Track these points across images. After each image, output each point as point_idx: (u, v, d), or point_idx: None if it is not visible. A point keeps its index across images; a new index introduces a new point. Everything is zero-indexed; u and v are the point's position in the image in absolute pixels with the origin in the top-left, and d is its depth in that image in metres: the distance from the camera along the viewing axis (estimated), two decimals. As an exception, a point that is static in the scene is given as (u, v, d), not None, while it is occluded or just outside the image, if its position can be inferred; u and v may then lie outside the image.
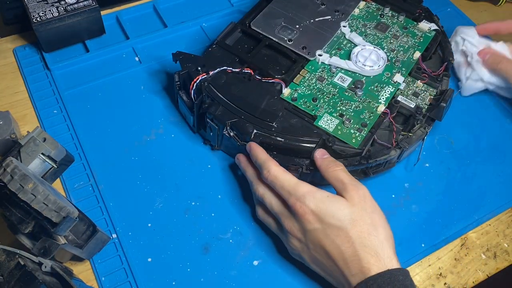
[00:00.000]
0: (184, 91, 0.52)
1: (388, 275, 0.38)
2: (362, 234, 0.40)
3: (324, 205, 0.41)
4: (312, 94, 0.51)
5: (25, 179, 0.36)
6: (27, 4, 0.56)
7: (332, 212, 0.40)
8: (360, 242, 0.39)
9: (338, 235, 0.40)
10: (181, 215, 0.49)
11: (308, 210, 0.41)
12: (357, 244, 0.39)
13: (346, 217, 0.40)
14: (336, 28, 0.56)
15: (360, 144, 0.47)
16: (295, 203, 0.41)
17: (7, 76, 0.59)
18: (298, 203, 0.41)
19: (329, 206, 0.41)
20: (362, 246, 0.39)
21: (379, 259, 0.39)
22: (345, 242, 0.40)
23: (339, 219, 0.40)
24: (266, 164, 0.44)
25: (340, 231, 0.40)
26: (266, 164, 0.45)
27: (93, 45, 0.61)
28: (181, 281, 0.45)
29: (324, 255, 0.41)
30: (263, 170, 0.44)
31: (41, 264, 0.37)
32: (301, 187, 0.42)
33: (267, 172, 0.44)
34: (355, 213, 0.40)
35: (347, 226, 0.40)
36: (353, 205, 0.41)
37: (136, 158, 0.52)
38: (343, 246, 0.40)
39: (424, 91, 0.52)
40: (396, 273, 0.38)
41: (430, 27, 0.56)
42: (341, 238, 0.40)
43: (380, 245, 0.40)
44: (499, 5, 0.71)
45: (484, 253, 0.49)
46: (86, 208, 0.49)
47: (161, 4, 0.66)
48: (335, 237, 0.40)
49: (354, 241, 0.39)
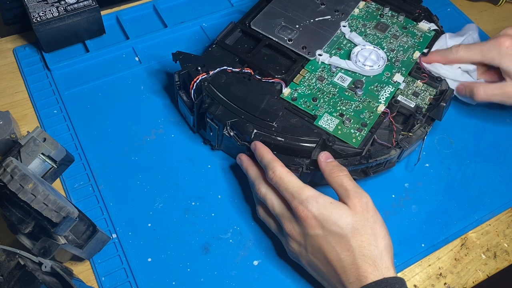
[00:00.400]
0: (184, 91, 0.52)
1: (384, 283, 0.38)
2: (362, 243, 0.40)
3: (327, 212, 0.41)
4: (312, 94, 0.51)
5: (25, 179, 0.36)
6: (27, 4, 0.56)
7: (334, 219, 0.40)
8: (359, 251, 0.40)
9: (339, 243, 0.40)
10: (181, 215, 0.49)
11: (310, 215, 0.41)
12: (357, 253, 0.39)
13: (348, 225, 0.40)
14: (336, 28, 0.56)
15: (360, 144, 0.47)
16: (298, 207, 0.41)
17: (7, 76, 0.59)
18: (300, 207, 0.41)
19: (331, 212, 0.41)
20: (361, 255, 0.39)
21: (377, 269, 0.39)
22: (345, 250, 0.40)
23: (340, 226, 0.40)
24: (272, 165, 0.44)
25: (341, 238, 0.40)
26: (272, 164, 0.44)
27: (93, 45, 0.61)
28: (181, 281, 0.45)
29: (322, 261, 0.41)
30: (268, 170, 0.44)
31: (41, 264, 0.37)
32: (305, 191, 0.42)
33: (272, 173, 0.44)
34: (357, 222, 0.40)
35: (348, 234, 0.40)
36: (355, 213, 0.41)
37: (136, 158, 0.52)
38: (342, 254, 0.40)
39: (424, 91, 0.52)
40: (392, 281, 0.39)
41: (430, 27, 0.56)
42: (341, 245, 0.40)
43: (379, 255, 0.40)
44: (499, 5, 0.71)
45: (484, 253, 0.49)
46: (86, 208, 0.49)
47: (161, 4, 0.66)
48: (336, 244, 0.40)
49: (354, 250, 0.40)
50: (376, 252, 0.40)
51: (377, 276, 0.39)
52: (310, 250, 0.42)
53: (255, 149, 0.47)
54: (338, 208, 0.41)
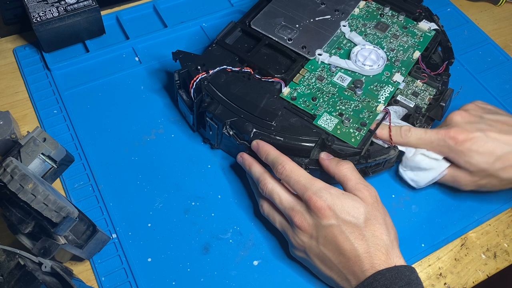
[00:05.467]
0: (184, 90, 0.52)
1: (396, 271, 0.39)
2: (375, 233, 0.41)
3: (340, 201, 0.41)
4: (311, 93, 0.51)
5: (25, 179, 0.36)
6: (27, 4, 0.56)
7: (348, 208, 0.41)
8: (373, 241, 0.41)
9: (353, 232, 0.41)
10: (181, 215, 0.49)
11: (325, 205, 0.41)
12: (370, 242, 0.41)
13: (361, 215, 0.41)
14: (336, 28, 0.56)
15: (359, 144, 0.47)
16: (312, 197, 0.42)
17: (7, 76, 0.59)
18: (314, 197, 0.42)
19: (345, 203, 0.41)
20: (374, 244, 0.41)
21: (389, 257, 0.40)
22: (359, 239, 0.41)
23: (354, 216, 0.41)
24: (280, 159, 0.45)
25: (355, 228, 0.41)
26: (280, 159, 0.45)
27: (93, 45, 0.61)
28: (181, 281, 0.45)
29: (334, 251, 0.41)
30: (278, 165, 0.45)
31: (41, 264, 0.37)
32: (317, 183, 0.43)
33: (282, 167, 0.44)
34: (370, 212, 0.42)
35: (361, 224, 0.41)
36: (367, 204, 0.42)
37: (136, 158, 0.52)
38: (356, 243, 0.41)
39: (424, 91, 0.52)
40: (403, 269, 0.40)
41: (430, 27, 0.56)
42: (355, 235, 0.41)
43: (391, 245, 0.41)
44: (499, 5, 0.71)
45: (484, 253, 0.49)
46: (86, 208, 0.49)
47: (161, 4, 0.66)
48: (350, 233, 0.41)
49: (368, 239, 0.41)
50: (388, 242, 0.41)
51: (390, 264, 0.40)
52: (322, 241, 0.42)
53: (258, 147, 0.47)
54: (351, 198, 0.42)
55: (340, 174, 0.44)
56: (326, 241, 0.42)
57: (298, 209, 0.43)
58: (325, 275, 0.43)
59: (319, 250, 0.42)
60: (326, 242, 0.42)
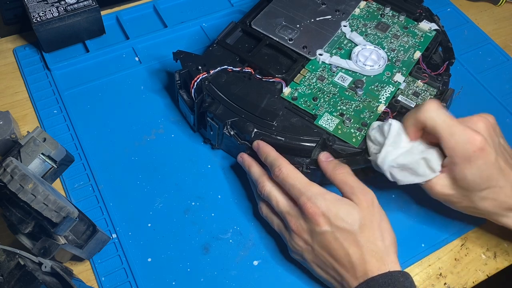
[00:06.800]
0: (185, 90, 0.52)
1: (389, 277, 0.39)
2: (369, 239, 0.40)
3: (335, 208, 0.41)
4: (312, 94, 0.51)
5: (25, 179, 0.36)
6: (27, 4, 0.56)
7: (342, 215, 0.41)
8: (367, 247, 0.40)
9: (347, 239, 0.40)
10: (181, 215, 0.49)
11: (318, 212, 0.41)
12: (365, 249, 0.40)
13: (355, 221, 0.41)
14: (337, 28, 0.56)
15: (360, 144, 0.47)
16: (306, 203, 0.41)
17: (7, 76, 0.59)
18: (309, 203, 0.41)
19: (339, 209, 0.41)
20: (369, 250, 0.40)
21: (383, 263, 0.40)
22: (353, 245, 0.40)
23: (348, 222, 0.40)
24: (278, 162, 0.45)
25: (349, 234, 0.40)
26: (278, 162, 0.45)
27: (93, 45, 0.61)
28: (181, 281, 0.45)
29: (329, 257, 0.41)
30: (275, 168, 0.44)
31: (41, 264, 0.37)
32: (313, 188, 0.42)
33: (278, 170, 0.44)
34: (365, 218, 0.41)
35: (356, 230, 0.40)
36: (362, 209, 0.41)
37: (136, 158, 0.52)
38: (350, 249, 0.40)
39: (425, 91, 0.52)
40: (397, 274, 0.39)
41: (431, 27, 0.56)
42: (349, 241, 0.40)
43: (386, 251, 0.40)
44: (499, 5, 0.71)
45: (484, 253, 0.49)
46: (86, 208, 0.49)
47: (161, 4, 0.66)
48: (344, 240, 0.40)
49: (362, 246, 0.40)
50: (383, 248, 0.40)
51: (383, 270, 0.39)
52: (317, 246, 0.42)
53: (258, 148, 0.47)
54: (345, 204, 0.41)
55: (336, 178, 0.44)
56: (321, 247, 0.41)
57: (294, 214, 0.43)
58: (322, 277, 0.43)
59: (314, 255, 0.42)
60: (321, 248, 0.41)
